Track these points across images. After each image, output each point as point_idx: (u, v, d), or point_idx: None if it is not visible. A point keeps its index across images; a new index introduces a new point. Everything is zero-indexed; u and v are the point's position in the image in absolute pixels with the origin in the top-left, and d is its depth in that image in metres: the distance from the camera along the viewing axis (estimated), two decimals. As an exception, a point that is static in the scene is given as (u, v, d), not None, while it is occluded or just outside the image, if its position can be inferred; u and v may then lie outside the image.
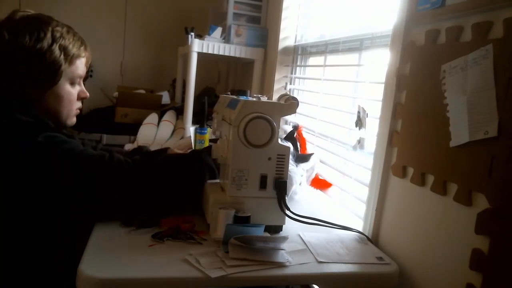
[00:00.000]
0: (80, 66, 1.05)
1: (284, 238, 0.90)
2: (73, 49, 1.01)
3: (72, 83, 1.05)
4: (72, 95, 1.05)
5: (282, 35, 1.99)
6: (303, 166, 1.40)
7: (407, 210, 0.96)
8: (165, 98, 2.57)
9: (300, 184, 1.33)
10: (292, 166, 1.32)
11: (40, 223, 0.94)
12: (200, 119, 1.79)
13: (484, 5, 0.76)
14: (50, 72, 0.98)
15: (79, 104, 1.09)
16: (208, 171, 1.07)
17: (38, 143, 0.89)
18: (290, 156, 1.34)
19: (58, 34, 0.98)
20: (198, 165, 1.06)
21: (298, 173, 1.32)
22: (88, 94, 1.10)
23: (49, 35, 0.97)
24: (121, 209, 0.99)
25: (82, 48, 1.05)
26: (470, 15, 0.80)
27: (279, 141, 0.99)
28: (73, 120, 1.09)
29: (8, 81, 0.97)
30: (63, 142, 0.94)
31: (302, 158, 1.44)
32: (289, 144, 1.22)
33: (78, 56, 1.03)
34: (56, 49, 0.97)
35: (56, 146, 0.92)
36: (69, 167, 0.92)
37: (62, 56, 0.98)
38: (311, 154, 1.47)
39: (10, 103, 0.94)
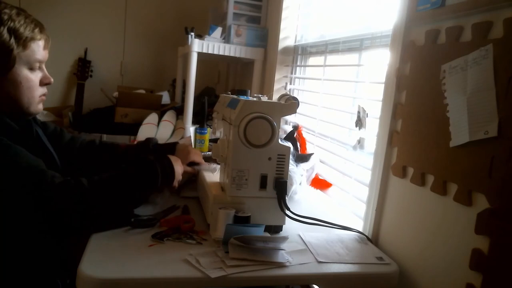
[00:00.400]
0: (37, 49, 0.96)
1: (284, 238, 0.90)
2: (25, 31, 0.92)
3: (31, 68, 0.96)
4: (32, 81, 0.97)
5: (282, 35, 1.99)
6: (303, 166, 1.40)
7: (407, 210, 0.96)
8: (165, 98, 2.57)
9: (300, 184, 1.33)
10: (292, 166, 1.32)
11: (35, 221, 0.94)
12: (200, 119, 1.80)
13: (484, 5, 0.76)
14: (1, 58, 0.91)
15: (43, 90, 1.01)
16: (160, 175, 1.01)
17: None
18: (290, 156, 1.34)
19: (5, 17, 0.90)
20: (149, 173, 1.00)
21: (298, 173, 1.32)
22: (52, 80, 1.01)
23: None
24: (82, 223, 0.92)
25: (37, 30, 0.96)
26: (470, 15, 0.80)
27: (279, 141, 0.99)
28: (38, 108, 1.00)
29: None
30: (7, 147, 0.88)
31: (302, 158, 1.44)
32: (289, 144, 1.22)
33: (33, 39, 0.94)
34: (4, 32, 0.89)
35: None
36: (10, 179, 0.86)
37: (12, 40, 0.90)
38: (311, 154, 1.47)
39: None
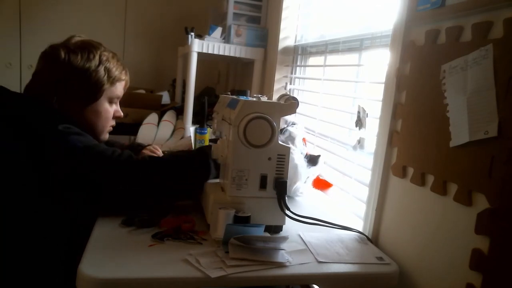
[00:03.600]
0: (119, 88, 1.18)
1: (284, 238, 0.90)
2: (115, 72, 1.15)
3: (110, 102, 1.17)
4: (109, 112, 1.17)
5: (282, 35, 1.99)
6: (313, 169, 1.39)
7: (407, 210, 0.96)
8: (165, 98, 2.57)
9: (305, 182, 1.33)
10: (302, 162, 1.32)
11: (42, 218, 0.95)
12: (200, 119, 1.80)
13: (484, 5, 0.76)
14: (94, 90, 1.11)
15: (113, 122, 1.22)
16: (212, 170, 1.10)
17: (58, 131, 0.97)
18: (302, 157, 1.35)
19: (104, 58, 1.12)
20: (204, 164, 1.09)
21: (306, 172, 1.32)
22: (122, 114, 1.23)
23: (97, 57, 1.11)
24: (126, 202, 1.02)
25: (123, 72, 1.19)
26: (470, 15, 0.80)
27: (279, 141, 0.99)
28: (106, 136, 1.21)
29: (55, 94, 1.06)
30: (79, 133, 1.01)
31: (312, 160, 1.43)
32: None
33: (119, 79, 1.17)
34: (101, 70, 1.11)
35: (72, 135, 0.98)
36: (81, 157, 0.97)
37: (105, 77, 1.12)
38: (319, 155, 1.46)
39: (54, 117, 1.01)
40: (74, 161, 0.95)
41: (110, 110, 1.17)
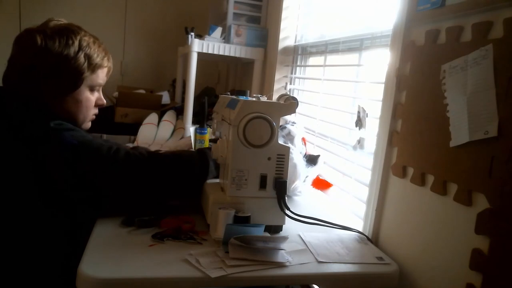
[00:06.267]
0: (101, 75, 1.12)
1: (284, 238, 0.90)
2: (97, 58, 1.08)
3: (92, 90, 1.11)
4: (90, 101, 1.11)
5: (282, 35, 1.99)
6: (313, 169, 1.39)
7: (407, 210, 0.96)
8: (165, 98, 2.57)
9: (304, 181, 1.33)
10: (301, 162, 1.32)
11: (42, 220, 0.95)
12: (200, 119, 1.80)
13: (484, 5, 0.76)
14: (73, 78, 1.05)
15: (95, 111, 1.15)
16: (211, 170, 1.10)
17: (51, 128, 0.94)
18: (301, 156, 1.35)
19: (85, 43, 1.05)
20: (204, 163, 1.09)
21: (306, 172, 1.32)
22: (104, 102, 1.16)
23: (76, 43, 1.04)
24: (124, 203, 1.02)
25: (106, 58, 1.12)
26: (470, 15, 0.80)
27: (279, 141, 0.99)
28: (87, 125, 1.15)
29: (32, 82, 1.01)
30: (72, 129, 0.98)
31: (310, 159, 1.43)
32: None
33: (101, 66, 1.10)
34: (81, 56, 1.04)
35: (65, 132, 0.96)
36: (76, 154, 0.95)
37: (85, 64, 1.05)
38: (318, 155, 1.47)
39: (44, 113, 0.98)
40: (70, 159, 0.94)
41: (92, 99, 1.11)
